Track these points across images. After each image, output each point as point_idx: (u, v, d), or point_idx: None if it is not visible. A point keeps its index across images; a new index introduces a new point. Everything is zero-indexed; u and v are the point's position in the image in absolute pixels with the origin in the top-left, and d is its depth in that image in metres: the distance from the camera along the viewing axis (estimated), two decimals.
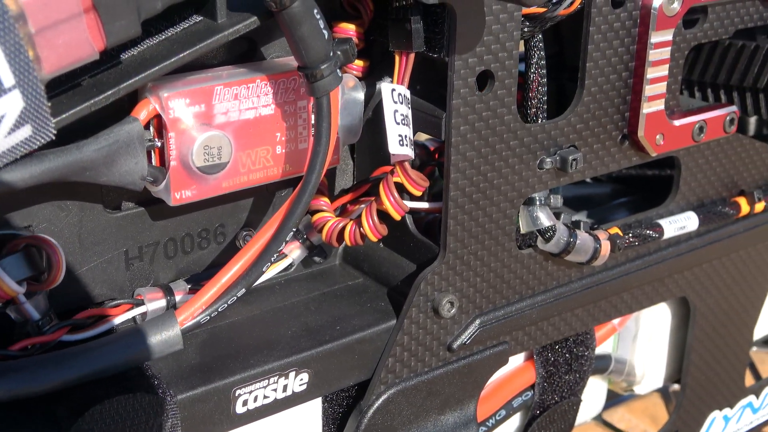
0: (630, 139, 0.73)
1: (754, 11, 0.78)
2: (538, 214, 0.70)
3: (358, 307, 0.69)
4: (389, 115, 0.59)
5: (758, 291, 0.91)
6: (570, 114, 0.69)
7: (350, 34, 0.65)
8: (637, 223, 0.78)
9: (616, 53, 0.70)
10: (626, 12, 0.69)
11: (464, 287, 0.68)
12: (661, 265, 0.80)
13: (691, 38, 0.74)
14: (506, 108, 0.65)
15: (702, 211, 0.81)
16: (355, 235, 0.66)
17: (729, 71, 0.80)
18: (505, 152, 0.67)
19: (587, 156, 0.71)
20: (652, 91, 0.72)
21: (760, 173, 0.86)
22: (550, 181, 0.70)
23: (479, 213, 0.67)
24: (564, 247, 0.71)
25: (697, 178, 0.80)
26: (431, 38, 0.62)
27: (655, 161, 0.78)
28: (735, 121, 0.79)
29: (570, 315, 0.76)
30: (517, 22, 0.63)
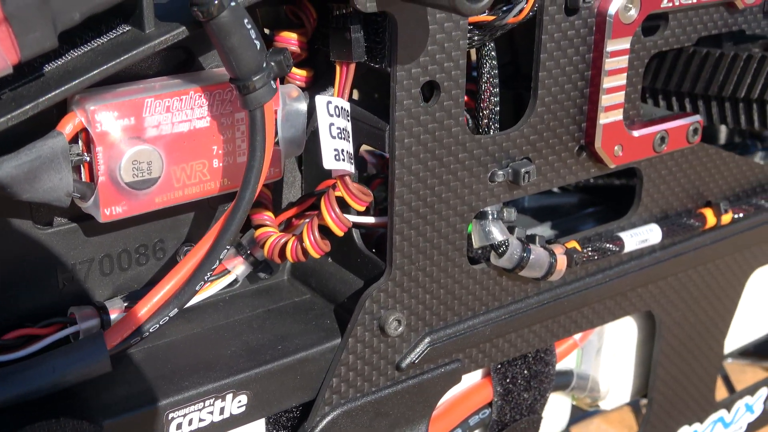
0: (587, 150, 0.71)
1: (718, 18, 0.75)
2: (490, 229, 0.68)
3: (302, 325, 0.67)
4: (324, 129, 0.56)
5: (727, 304, 0.89)
6: (523, 125, 0.67)
7: (292, 43, 0.63)
8: (597, 236, 0.76)
9: (571, 62, 0.68)
10: (581, 19, 0.67)
11: (413, 304, 0.66)
12: (623, 279, 0.78)
13: (651, 46, 0.72)
14: (453, 119, 0.63)
15: (665, 224, 0.78)
16: (296, 251, 0.63)
17: (693, 79, 0.78)
18: (453, 165, 0.64)
19: (542, 168, 0.69)
20: (609, 101, 0.69)
21: (728, 184, 0.83)
22: (502, 195, 0.68)
23: (427, 228, 0.65)
24: (517, 262, 0.68)
25: (660, 190, 0.78)
26: (372, 48, 0.60)
27: (624, 170, 0.75)
28: (699, 131, 0.76)
29: (527, 331, 0.74)
30: (464, 31, 0.61)
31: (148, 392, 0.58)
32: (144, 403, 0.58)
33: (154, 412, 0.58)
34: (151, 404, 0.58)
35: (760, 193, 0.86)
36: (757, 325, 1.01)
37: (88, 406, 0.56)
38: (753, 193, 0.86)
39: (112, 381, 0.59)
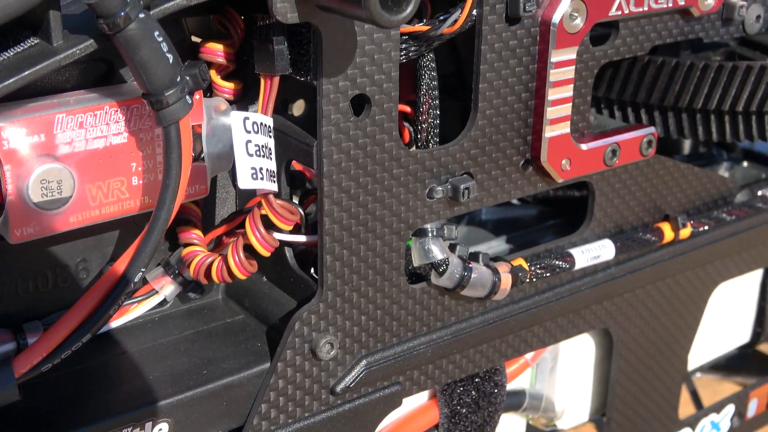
0: (534, 164, 0.68)
1: (673, 26, 0.73)
2: (430, 247, 0.65)
3: (232, 347, 0.64)
4: (240, 147, 0.54)
5: (689, 319, 0.86)
6: (463, 139, 0.64)
7: (218, 54, 0.61)
8: (546, 252, 0.73)
9: (514, 73, 0.65)
10: (523, 29, 0.64)
11: (347, 326, 0.63)
12: (575, 297, 0.75)
13: (601, 56, 0.69)
14: (386, 134, 0.60)
15: (620, 239, 0.75)
16: (222, 272, 0.61)
17: (649, 90, 0.75)
18: (387, 181, 0.62)
19: (485, 183, 0.66)
20: (554, 113, 0.67)
21: (687, 197, 0.81)
22: (442, 211, 0.65)
23: (361, 246, 0.62)
24: (458, 281, 0.66)
25: (614, 204, 0.75)
26: (297, 60, 0.57)
27: (584, 182, 0.73)
28: (653, 144, 0.74)
29: (473, 352, 0.71)
30: (395, 42, 0.58)
31: (57, 422, 0.56)
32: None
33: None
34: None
35: (722, 206, 0.83)
36: (725, 339, 0.98)
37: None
38: (715, 206, 0.83)
39: (20, 410, 0.56)
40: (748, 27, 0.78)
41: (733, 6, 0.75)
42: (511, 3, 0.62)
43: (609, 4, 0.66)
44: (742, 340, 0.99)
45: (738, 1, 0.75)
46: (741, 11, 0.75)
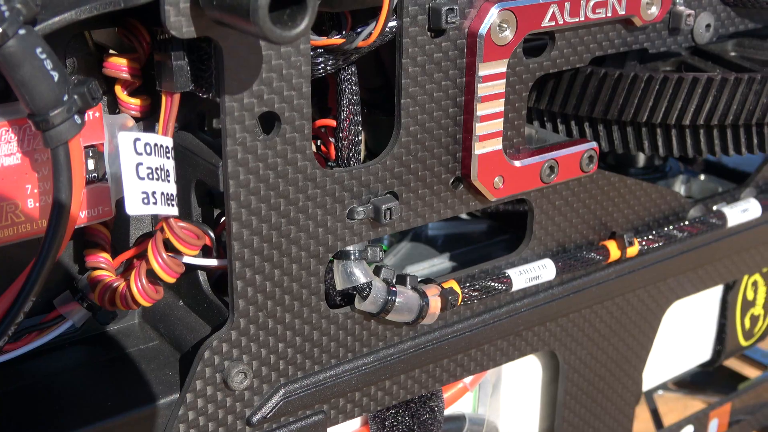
0: (464, 182, 0.65)
1: (614, 36, 0.69)
2: (352, 270, 0.62)
3: (143, 376, 0.61)
4: (128, 170, 0.50)
5: (642, 339, 0.83)
6: (386, 157, 0.61)
7: (122, 69, 0.57)
8: (482, 273, 0.70)
9: (440, 87, 0.62)
10: (449, 41, 0.61)
11: (263, 354, 0.60)
12: (515, 319, 0.72)
13: (536, 68, 0.66)
14: (299, 152, 0.57)
15: (561, 258, 0.72)
16: (126, 298, 0.58)
17: (592, 102, 0.72)
18: (302, 202, 0.58)
19: (412, 203, 0.63)
20: (484, 129, 0.64)
21: (636, 213, 0.77)
22: (365, 233, 0.62)
23: (275, 271, 0.59)
24: (382, 306, 0.63)
25: (555, 222, 0.72)
26: (199, 76, 0.54)
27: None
28: (595, 159, 0.70)
29: (404, 377, 0.68)
30: (306, 56, 0.55)
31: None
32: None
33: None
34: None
35: (674, 223, 0.80)
36: (685, 357, 0.95)
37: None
38: (666, 222, 0.80)
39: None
40: (698, 36, 0.75)
41: (679, 15, 0.72)
42: (433, 14, 0.59)
43: (541, 15, 0.63)
44: (702, 358, 0.96)
45: (684, 10, 0.72)
46: (688, 20, 0.72)
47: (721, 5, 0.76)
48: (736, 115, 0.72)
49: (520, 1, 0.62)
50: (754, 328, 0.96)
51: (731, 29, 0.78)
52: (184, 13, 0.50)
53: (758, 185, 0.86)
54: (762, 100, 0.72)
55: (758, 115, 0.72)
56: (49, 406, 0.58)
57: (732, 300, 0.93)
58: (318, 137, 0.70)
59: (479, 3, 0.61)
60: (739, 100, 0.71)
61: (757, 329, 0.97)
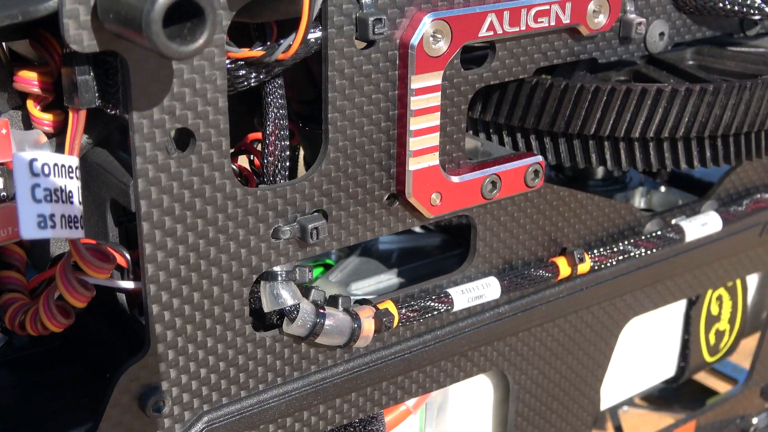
0: (400, 199, 0.63)
1: (560, 46, 0.67)
2: (279, 292, 0.59)
3: (62, 403, 0.58)
4: (23, 193, 0.48)
5: (598, 357, 0.80)
6: (313, 173, 0.59)
7: (33, 83, 0.55)
8: (422, 293, 0.67)
9: (371, 101, 0.59)
10: (379, 53, 0.58)
11: (183, 380, 0.58)
12: (459, 339, 0.69)
13: (475, 80, 0.63)
14: (217, 170, 0.54)
15: (507, 276, 0.70)
16: (36, 323, 0.55)
17: (538, 114, 0.69)
18: (222, 222, 0.56)
19: (343, 221, 0.61)
20: (419, 144, 0.61)
21: (588, 228, 0.75)
22: (292, 253, 0.59)
23: (194, 294, 0.56)
24: (311, 329, 0.60)
25: (500, 239, 0.69)
26: (105, 92, 0.52)
27: None
28: (540, 174, 0.68)
29: (340, 401, 0.65)
30: (222, 69, 0.53)
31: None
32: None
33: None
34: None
35: (629, 237, 0.77)
36: (649, 374, 0.92)
37: None
38: (621, 237, 0.77)
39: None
40: (651, 45, 0.72)
41: (629, 23, 0.69)
42: (360, 25, 0.57)
43: (478, 25, 0.61)
44: (666, 375, 0.93)
45: (635, 18, 0.69)
46: (639, 29, 0.69)
47: (677, 12, 0.73)
48: (688, 127, 0.69)
49: (454, 11, 0.59)
50: (720, 344, 0.94)
51: (688, 37, 0.75)
52: (84, 26, 0.47)
53: (720, 198, 0.84)
54: (715, 111, 0.69)
55: (711, 127, 0.69)
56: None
57: (695, 315, 0.90)
58: (251, 152, 0.68)
59: (411, 12, 0.58)
60: (691, 112, 0.69)
61: (722, 345, 0.94)
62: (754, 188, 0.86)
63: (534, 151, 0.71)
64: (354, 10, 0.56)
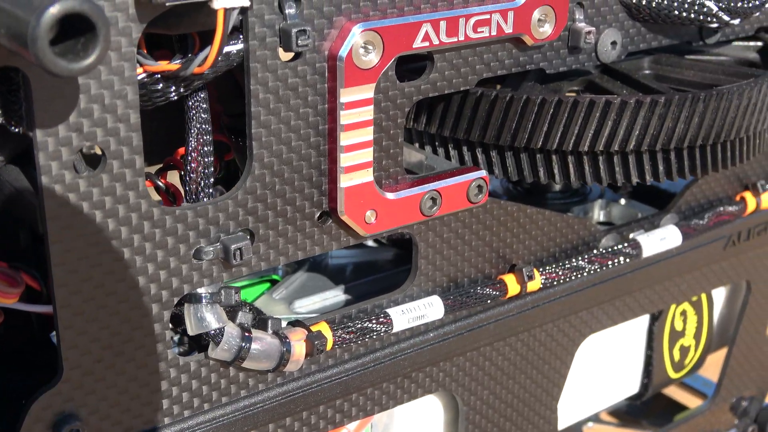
0: (333, 216, 0.60)
1: (504, 56, 0.64)
2: (203, 314, 0.57)
3: None
4: None
5: (552, 375, 0.78)
6: (237, 191, 0.56)
7: None
8: (360, 313, 0.64)
9: (299, 115, 0.57)
10: (306, 65, 0.56)
11: (102, 408, 0.55)
12: (401, 360, 0.67)
13: (413, 92, 0.61)
14: (131, 189, 0.52)
15: (452, 295, 0.67)
16: None
17: (483, 127, 0.67)
18: (139, 243, 0.53)
19: (271, 240, 0.58)
20: (350, 159, 0.58)
21: (539, 244, 0.72)
22: (216, 274, 0.57)
23: (111, 318, 0.54)
24: (236, 353, 0.57)
25: (444, 256, 0.67)
26: (8, 109, 0.49)
27: None
28: (484, 189, 0.65)
29: (274, 426, 0.63)
30: (133, 84, 0.50)
31: None
32: None
33: None
34: None
35: (583, 253, 0.74)
36: (612, 390, 0.89)
37: None
38: (575, 252, 0.75)
39: None
40: (603, 55, 0.70)
41: (578, 32, 0.67)
42: (283, 36, 0.54)
43: (412, 35, 0.58)
44: (630, 391, 0.91)
45: (584, 27, 0.67)
46: (588, 38, 0.67)
47: (630, 21, 0.70)
48: (639, 140, 0.66)
49: (386, 21, 0.57)
50: (685, 360, 0.91)
51: (643, 46, 0.72)
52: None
53: (681, 211, 0.81)
54: (667, 124, 0.66)
55: (663, 140, 0.67)
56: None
57: (658, 331, 0.88)
58: (180, 168, 0.65)
59: (340, 23, 0.56)
60: (642, 124, 0.66)
61: (688, 361, 0.91)
62: (718, 201, 0.83)
63: (480, 165, 0.69)
64: (277, 20, 0.54)
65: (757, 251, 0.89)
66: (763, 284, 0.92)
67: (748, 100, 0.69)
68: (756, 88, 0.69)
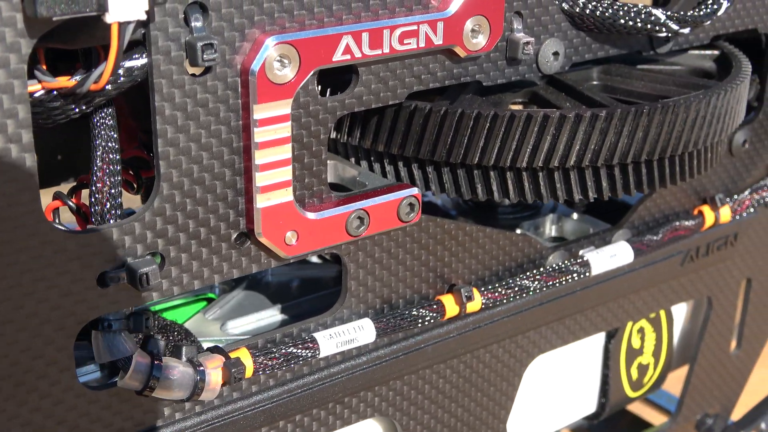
0: (251, 238, 0.57)
1: (437, 68, 0.61)
2: (111, 342, 0.54)
3: None
4: None
5: (498, 397, 0.75)
6: (144, 212, 0.53)
7: None
8: (285, 338, 0.62)
9: (210, 132, 0.54)
10: (217, 80, 0.53)
11: None
12: (330, 386, 0.64)
13: (336, 107, 0.58)
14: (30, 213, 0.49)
15: (384, 317, 0.64)
16: None
17: (417, 142, 0.64)
18: (40, 270, 0.50)
19: (184, 263, 0.55)
20: (267, 179, 0.56)
21: (480, 263, 0.69)
22: (125, 300, 0.54)
23: (11, 348, 0.51)
24: (145, 382, 0.55)
25: (377, 277, 0.64)
26: None
27: None
28: (417, 207, 0.62)
29: None
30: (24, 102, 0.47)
31: None
32: None
33: None
34: None
35: (529, 271, 0.72)
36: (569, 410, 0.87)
37: None
38: (520, 271, 0.72)
39: None
40: (545, 66, 0.67)
41: (516, 43, 0.64)
42: (189, 50, 0.51)
43: (331, 48, 0.55)
44: (587, 411, 0.88)
45: (522, 38, 0.64)
46: (527, 49, 0.64)
47: (573, 31, 0.68)
48: (579, 156, 0.64)
49: (303, 33, 0.54)
50: (643, 378, 0.88)
51: (589, 56, 0.69)
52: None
53: (634, 226, 0.78)
54: (609, 139, 0.64)
55: (606, 155, 0.64)
56: None
57: (615, 349, 0.85)
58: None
59: (253, 35, 0.53)
60: (582, 139, 0.63)
61: (647, 379, 0.89)
62: (674, 215, 0.80)
63: (417, 182, 0.66)
64: (183, 33, 0.51)
65: (718, 266, 0.87)
66: (725, 300, 0.90)
67: (696, 113, 0.66)
68: (704, 101, 0.66)
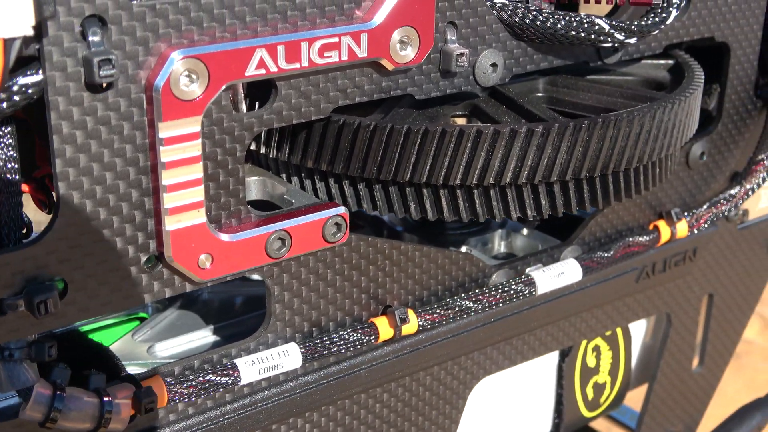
0: (163, 261, 0.54)
1: (364, 82, 0.59)
2: (11, 372, 0.51)
3: None
4: None
5: (440, 420, 0.72)
6: (44, 236, 0.51)
7: None
8: (204, 364, 0.59)
9: (114, 152, 0.51)
10: (119, 96, 0.50)
11: None
12: (255, 413, 0.61)
13: (254, 123, 0.55)
14: None
15: (312, 342, 0.61)
16: None
17: (346, 158, 0.61)
18: None
19: (90, 289, 0.53)
20: (176, 200, 0.53)
21: (417, 283, 0.66)
22: (26, 329, 0.51)
23: None
24: (46, 414, 0.52)
25: (304, 299, 0.61)
26: None
27: None
28: (344, 227, 0.60)
29: None
30: None
31: None
32: None
33: None
34: None
35: (471, 291, 0.69)
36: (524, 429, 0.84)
37: None
38: (461, 291, 0.69)
39: None
40: (482, 78, 0.64)
41: (449, 55, 0.61)
42: (85, 66, 0.48)
43: (243, 62, 0.52)
44: (543, 431, 0.85)
45: (456, 49, 0.61)
46: (461, 61, 0.61)
47: (513, 41, 0.65)
48: (515, 173, 0.61)
49: (212, 47, 0.51)
50: (600, 398, 0.85)
51: (531, 67, 0.67)
52: None
53: (585, 242, 0.75)
54: (546, 155, 0.61)
55: (543, 172, 0.61)
56: None
57: (569, 368, 0.82)
58: None
59: (158, 49, 0.50)
60: (518, 155, 0.60)
61: (603, 399, 0.86)
62: (628, 230, 0.78)
63: (348, 199, 0.63)
64: (80, 48, 0.48)
65: (677, 282, 0.84)
66: (685, 317, 0.87)
67: (640, 127, 0.63)
68: (648, 114, 0.64)
